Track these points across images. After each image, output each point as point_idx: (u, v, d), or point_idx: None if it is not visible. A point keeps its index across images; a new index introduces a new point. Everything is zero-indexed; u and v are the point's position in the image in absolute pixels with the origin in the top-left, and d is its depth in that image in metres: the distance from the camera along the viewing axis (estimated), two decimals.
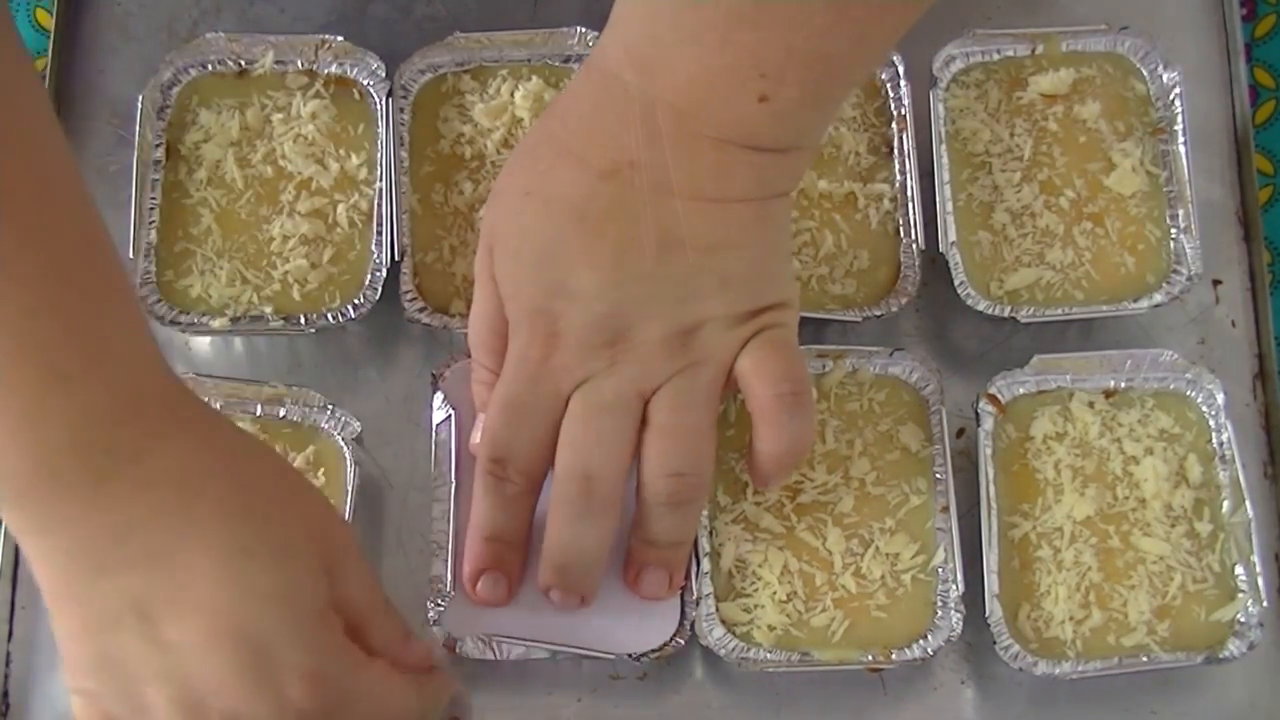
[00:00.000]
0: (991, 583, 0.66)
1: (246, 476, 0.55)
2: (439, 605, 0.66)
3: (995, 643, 0.65)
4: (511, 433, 0.62)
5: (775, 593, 0.66)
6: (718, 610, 0.66)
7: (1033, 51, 0.75)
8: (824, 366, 0.70)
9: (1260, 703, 0.68)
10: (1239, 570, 0.67)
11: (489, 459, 0.63)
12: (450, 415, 0.69)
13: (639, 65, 0.59)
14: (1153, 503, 0.68)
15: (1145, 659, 0.65)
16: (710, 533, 0.67)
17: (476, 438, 0.66)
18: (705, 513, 0.67)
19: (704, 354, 0.61)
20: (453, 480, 0.68)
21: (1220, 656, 0.65)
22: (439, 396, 0.69)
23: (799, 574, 0.67)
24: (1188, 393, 0.69)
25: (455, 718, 0.63)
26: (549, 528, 0.63)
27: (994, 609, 0.65)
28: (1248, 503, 0.67)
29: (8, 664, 0.69)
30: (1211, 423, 0.69)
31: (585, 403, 0.60)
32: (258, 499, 0.54)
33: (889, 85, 0.75)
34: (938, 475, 0.68)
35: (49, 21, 0.79)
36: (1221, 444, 0.69)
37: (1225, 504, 0.68)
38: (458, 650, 0.65)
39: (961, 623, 0.65)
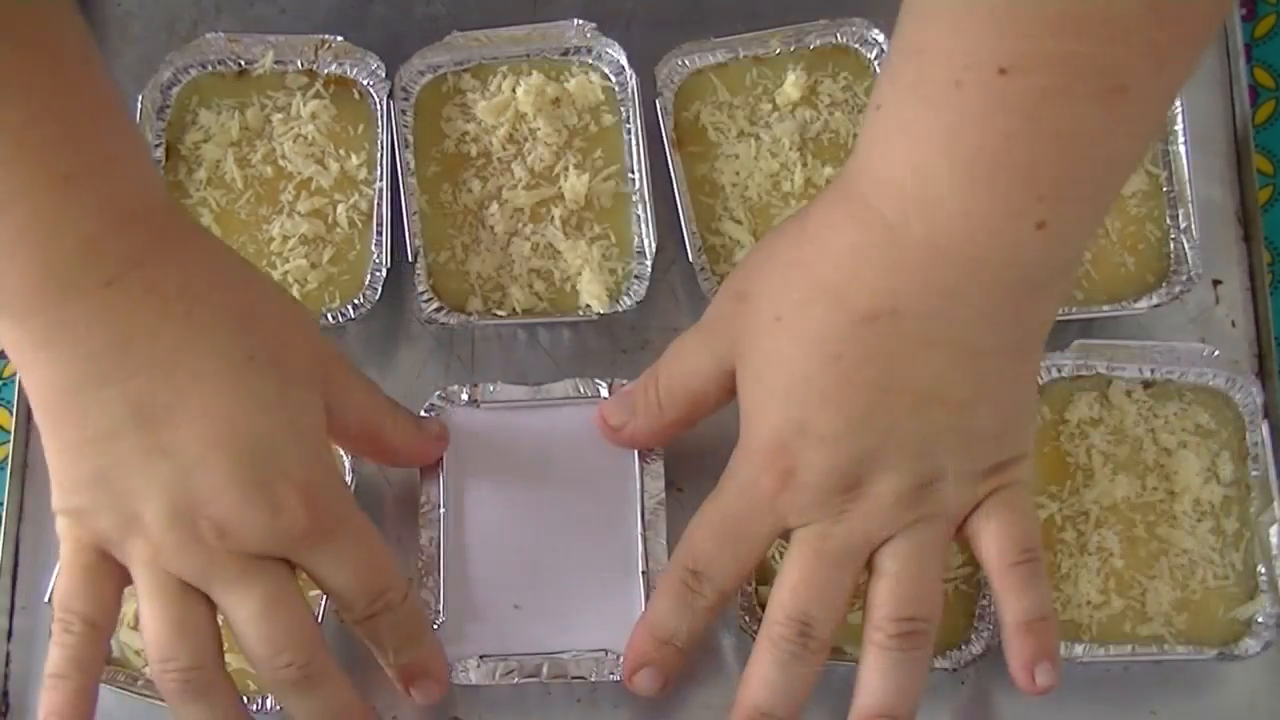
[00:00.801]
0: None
1: (247, 291, 0.57)
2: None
3: None
4: (718, 550, 0.60)
5: None
6: (755, 594, 0.66)
7: None
8: None
9: (1260, 703, 0.68)
10: (1261, 570, 0.67)
11: (688, 569, 0.61)
12: None
13: (902, 200, 0.55)
14: (1182, 496, 0.68)
15: (1159, 650, 0.66)
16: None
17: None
18: None
19: (938, 508, 0.58)
20: (441, 507, 0.68)
21: (1234, 653, 0.65)
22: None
23: None
24: (1226, 390, 0.70)
25: (456, 718, 0.64)
26: (754, 667, 0.60)
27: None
28: (1275, 503, 0.67)
29: (8, 664, 0.69)
30: (1247, 422, 0.69)
31: (813, 547, 0.59)
32: (258, 312, 0.56)
33: (876, 64, 0.75)
34: None
35: None
36: (1255, 444, 0.69)
37: (1254, 503, 0.68)
38: (455, 677, 0.66)
39: (997, 638, 0.65)
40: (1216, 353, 0.70)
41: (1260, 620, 0.66)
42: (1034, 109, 0.52)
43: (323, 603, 0.65)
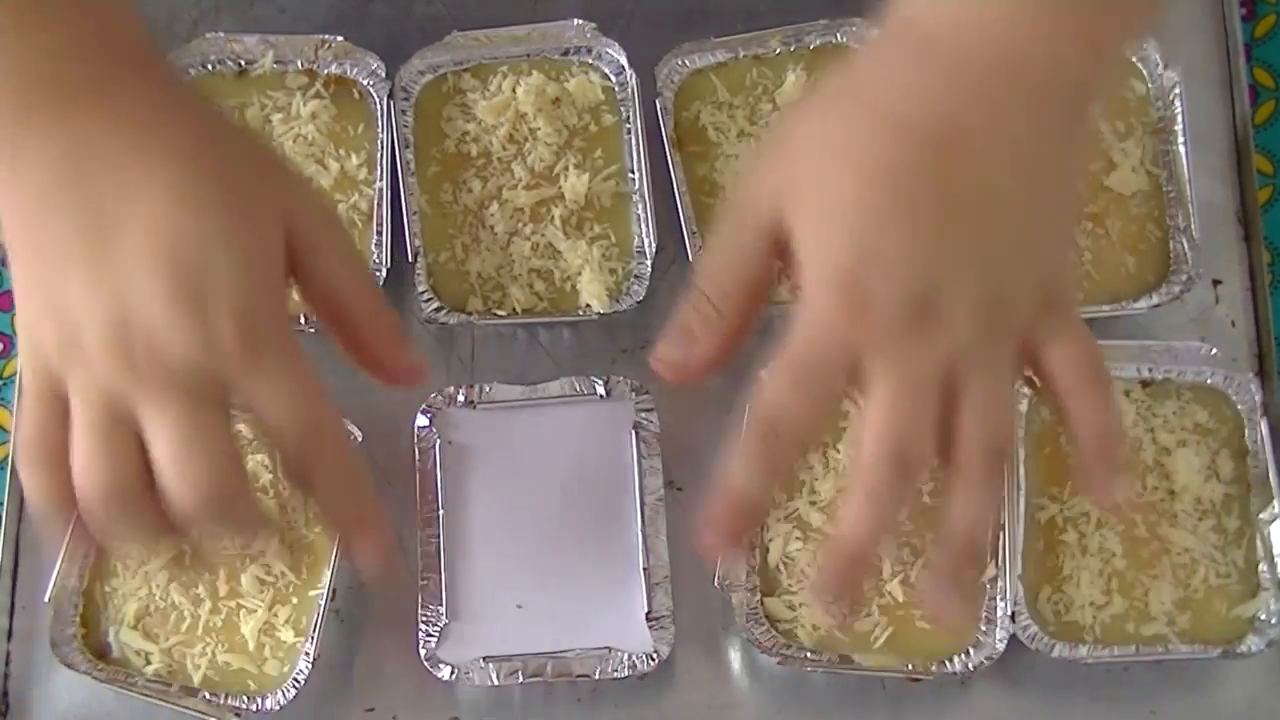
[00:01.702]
0: (1015, 563, 0.66)
1: (209, 126, 0.58)
2: (431, 635, 0.66)
3: (1014, 622, 0.65)
4: (800, 398, 0.58)
5: None
6: (762, 605, 0.66)
7: None
8: None
9: (1261, 703, 0.68)
10: (1263, 568, 0.67)
11: (770, 421, 0.58)
12: (436, 445, 0.69)
13: (957, 24, 0.57)
14: (1182, 495, 0.68)
15: (1163, 649, 0.66)
16: (761, 527, 0.68)
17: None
18: None
19: (1009, 327, 0.57)
20: (440, 508, 0.68)
21: (1238, 652, 0.65)
22: (428, 429, 0.70)
23: None
24: (1224, 388, 0.70)
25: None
26: (850, 510, 0.58)
27: (1016, 589, 0.66)
28: (1276, 500, 0.67)
29: (8, 664, 0.69)
30: (1246, 419, 0.69)
31: (898, 378, 0.56)
32: (218, 145, 0.57)
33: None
34: None
35: None
36: (1255, 441, 0.69)
37: (1255, 500, 0.68)
38: (457, 678, 0.66)
39: (1005, 643, 0.65)
40: (1214, 351, 0.70)
41: (1263, 618, 0.66)
42: None
43: (322, 608, 0.66)
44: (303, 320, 0.71)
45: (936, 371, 0.56)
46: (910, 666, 0.66)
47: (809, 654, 0.66)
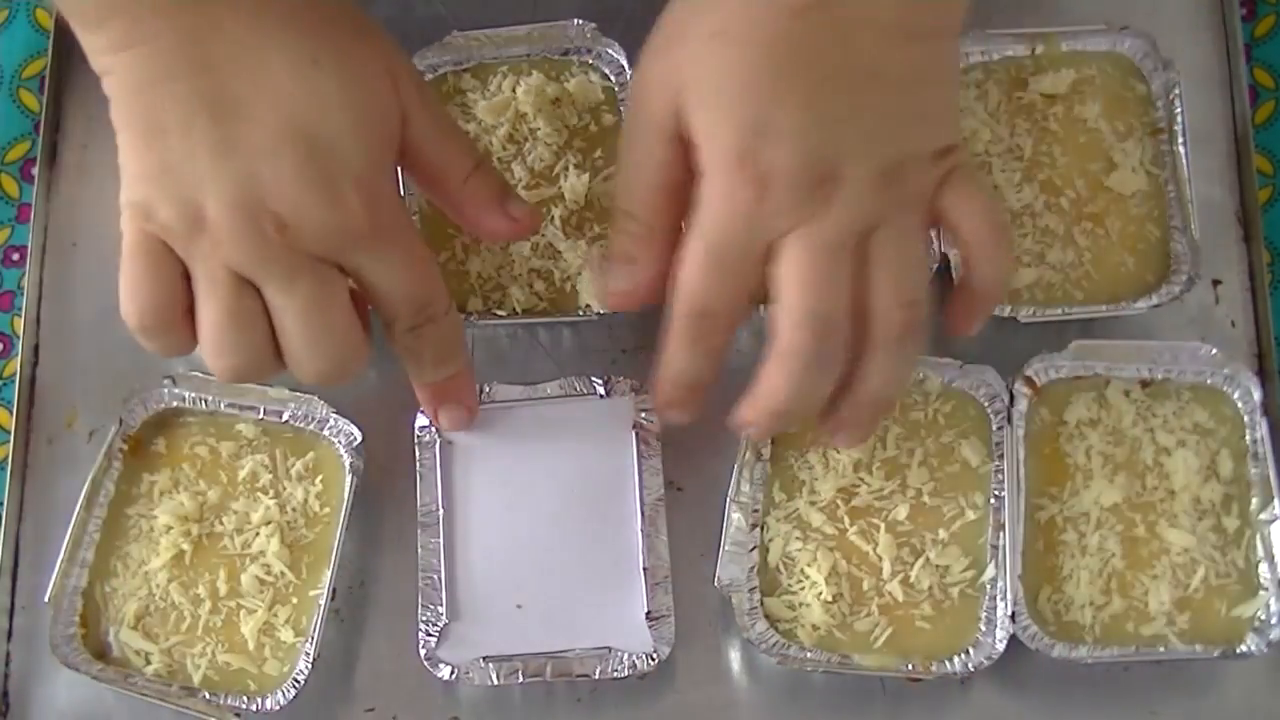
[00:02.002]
0: (1015, 563, 0.66)
1: (322, 6, 0.59)
2: (432, 635, 0.66)
3: (1014, 622, 0.65)
4: (718, 281, 0.59)
5: (821, 593, 0.67)
6: (762, 605, 0.67)
7: (1033, 51, 0.75)
8: None
9: (1260, 703, 0.68)
10: (1263, 568, 0.67)
11: (694, 311, 0.60)
12: (436, 444, 0.69)
13: None
14: (1181, 495, 0.68)
15: (1162, 649, 0.66)
16: (761, 527, 0.68)
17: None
18: (758, 508, 0.68)
19: (912, 191, 0.59)
20: (440, 508, 0.68)
21: (1238, 652, 0.65)
22: (428, 429, 0.70)
23: (847, 577, 0.67)
24: (1224, 388, 0.70)
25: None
26: (770, 379, 0.60)
27: (1016, 589, 0.66)
28: (1276, 501, 0.67)
29: (8, 664, 0.69)
30: (1246, 419, 0.69)
31: (808, 244, 0.58)
32: (329, 20, 0.59)
33: None
34: (995, 493, 0.68)
35: (49, 21, 0.79)
36: (1255, 441, 0.69)
37: (1254, 500, 0.68)
38: (457, 678, 0.66)
39: (1004, 643, 0.65)
40: (1214, 351, 0.70)
41: (1263, 618, 0.66)
42: None
43: (329, 592, 0.66)
44: None
45: (843, 237, 0.58)
46: (910, 666, 0.66)
47: (809, 654, 0.66)
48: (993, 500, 0.68)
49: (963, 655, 0.66)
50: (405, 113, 0.60)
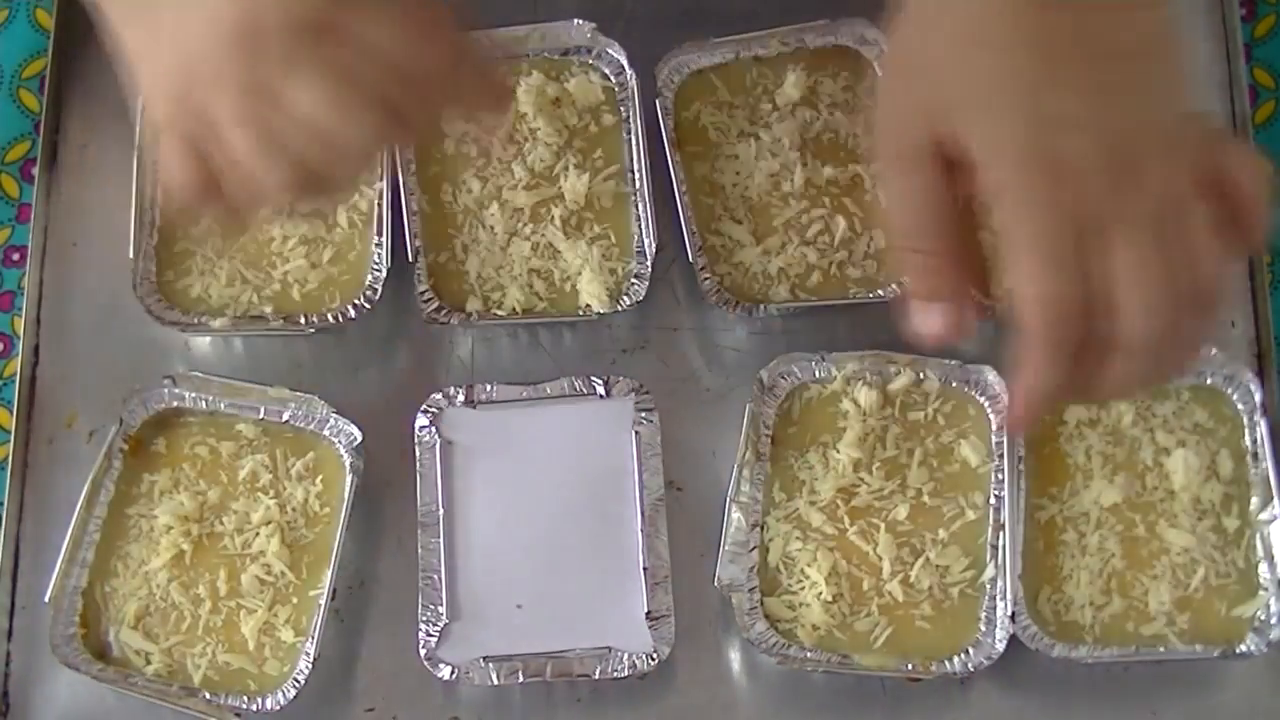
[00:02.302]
0: (1015, 563, 0.66)
1: None
2: (432, 635, 0.66)
3: (1014, 622, 0.65)
4: (1061, 280, 0.55)
5: (821, 593, 0.67)
6: (762, 605, 0.67)
7: None
8: (894, 373, 0.70)
9: (1260, 703, 0.68)
10: (1263, 568, 0.67)
11: (1050, 318, 0.56)
12: (436, 444, 0.69)
13: None
14: (1181, 495, 0.68)
15: (1162, 649, 0.66)
16: (761, 527, 0.68)
17: None
18: (758, 508, 0.68)
19: (1197, 153, 0.57)
20: (440, 508, 0.68)
21: (1238, 652, 0.65)
22: (428, 429, 0.70)
23: (847, 576, 0.67)
24: (1224, 388, 0.70)
25: None
26: (1128, 376, 0.56)
27: (1016, 589, 0.66)
28: (1276, 500, 0.67)
29: (8, 664, 0.69)
30: (1246, 420, 0.69)
31: (1133, 232, 0.55)
32: None
33: (877, 64, 0.75)
34: (995, 493, 0.68)
35: (49, 21, 0.79)
36: (1255, 441, 0.69)
37: (1254, 500, 0.68)
38: (457, 678, 0.66)
39: (1004, 643, 0.65)
40: (1214, 351, 0.70)
41: (1263, 618, 0.66)
42: None
43: (326, 601, 0.66)
44: (302, 320, 0.71)
45: (1162, 213, 0.55)
46: (910, 666, 0.66)
47: (809, 654, 0.66)
48: (992, 500, 0.68)
49: (963, 655, 0.66)
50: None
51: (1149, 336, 0.55)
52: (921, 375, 0.70)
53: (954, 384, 0.70)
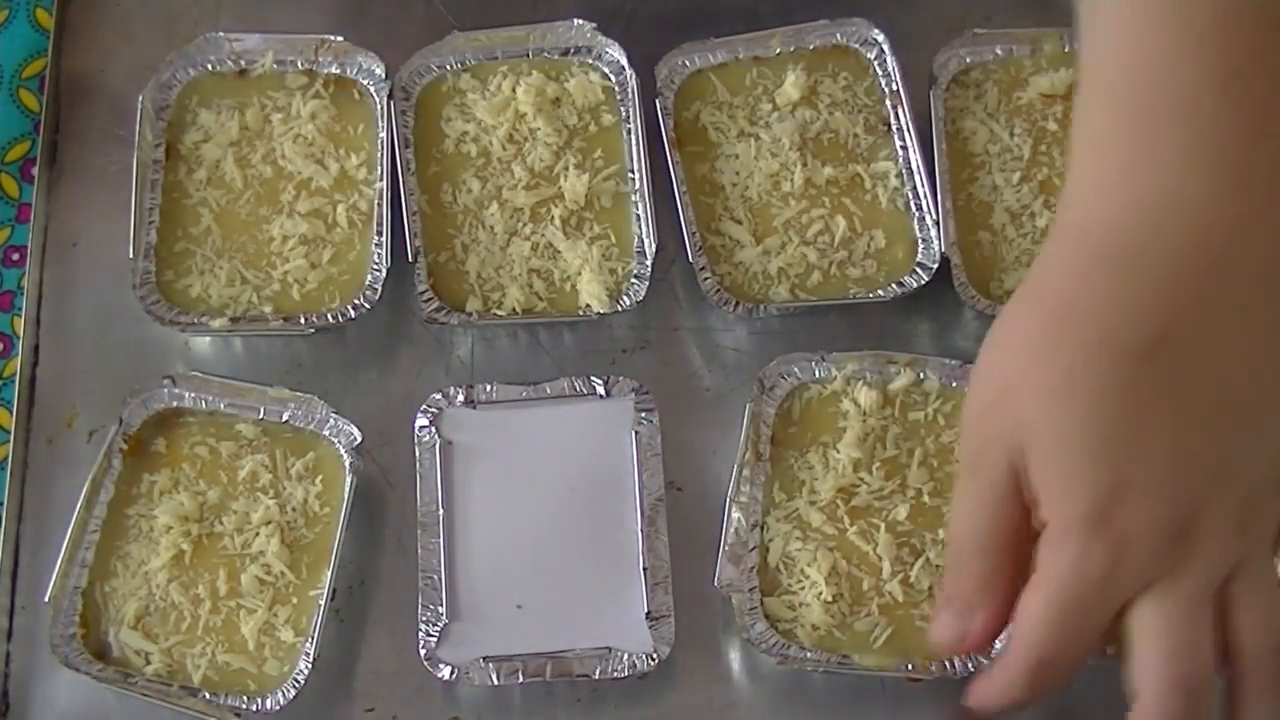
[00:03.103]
0: None
1: None
2: (432, 635, 0.66)
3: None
4: (1065, 639, 0.55)
5: (821, 593, 0.66)
6: (761, 605, 0.67)
7: (1032, 51, 0.76)
8: (894, 373, 0.70)
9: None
10: None
11: (1036, 663, 0.56)
12: (436, 444, 0.69)
13: (1143, 225, 0.54)
14: None
15: None
16: (761, 527, 0.68)
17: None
18: (758, 508, 0.68)
19: (1265, 523, 0.56)
20: (440, 509, 0.68)
21: None
22: (428, 429, 0.70)
23: (847, 576, 0.67)
24: None
25: None
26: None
27: None
28: None
29: (8, 664, 0.69)
30: None
31: (1168, 603, 0.54)
32: None
33: (876, 63, 0.75)
34: None
35: (49, 21, 0.79)
36: None
37: None
38: (457, 678, 0.66)
39: (1004, 641, 0.65)
40: None
41: None
42: (1264, 103, 0.53)
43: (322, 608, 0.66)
44: (302, 320, 0.71)
45: (1206, 588, 0.55)
46: (910, 666, 0.66)
47: (809, 654, 0.66)
48: None
49: (963, 655, 0.66)
50: None
51: (1153, 707, 0.54)
52: (922, 375, 0.70)
53: (954, 384, 0.70)
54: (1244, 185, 0.54)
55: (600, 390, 0.71)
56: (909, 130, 0.74)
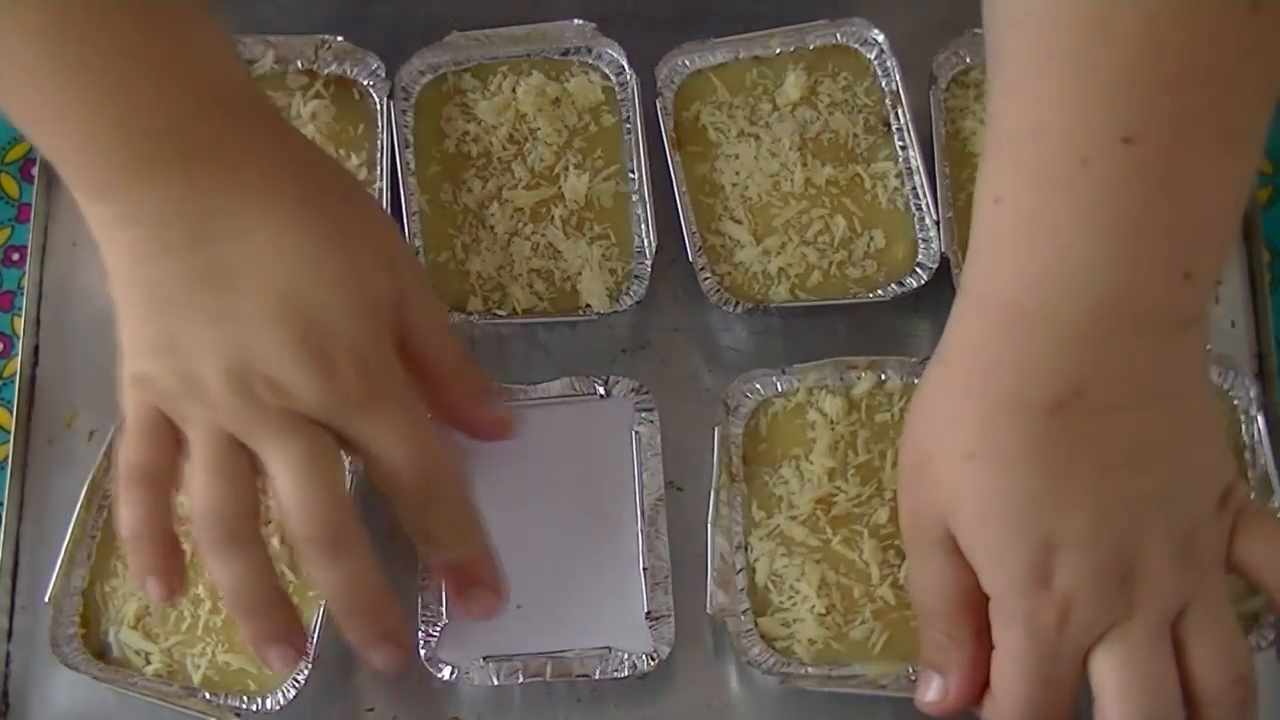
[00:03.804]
0: None
1: (321, 176, 0.61)
2: (432, 635, 0.66)
3: None
4: (1048, 700, 0.57)
5: (814, 606, 0.66)
6: (756, 626, 0.66)
7: None
8: (856, 377, 0.70)
9: (1261, 701, 0.67)
10: None
11: None
12: None
13: (1047, 288, 0.55)
14: None
15: None
16: (745, 548, 0.67)
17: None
18: (739, 529, 0.68)
19: (1209, 555, 0.57)
20: None
21: None
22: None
23: (837, 587, 0.67)
24: (1221, 385, 0.69)
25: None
26: None
27: None
28: (1275, 496, 0.67)
29: (8, 664, 0.69)
30: (1243, 417, 0.69)
31: (1124, 649, 0.56)
32: (330, 197, 0.60)
33: (876, 63, 0.75)
34: None
35: None
36: (1253, 437, 0.69)
37: (1253, 496, 0.68)
38: (457, 678, 0.66)
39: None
40: (1209, 347, 0.69)
41: (1267, 614, 0.66)
42: (1164, 170, 0.53)
43: (320, 611, 0.66)
44: None
45: (1157, 629, 0.56)
46: (912, 669, 0.65)
47: (809, 669, 0.65)
48: None
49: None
50: (402, 298, 0.60)
51: None
52: (883, 376, 0.70)
53: (916, 381, 0.70)
54: (1143, 247, 0.54)
55: (600, 390, 0.71)
56: (909, 130, 0.74)
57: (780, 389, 0.70)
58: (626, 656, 0.66)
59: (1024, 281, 0.56)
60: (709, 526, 0.67)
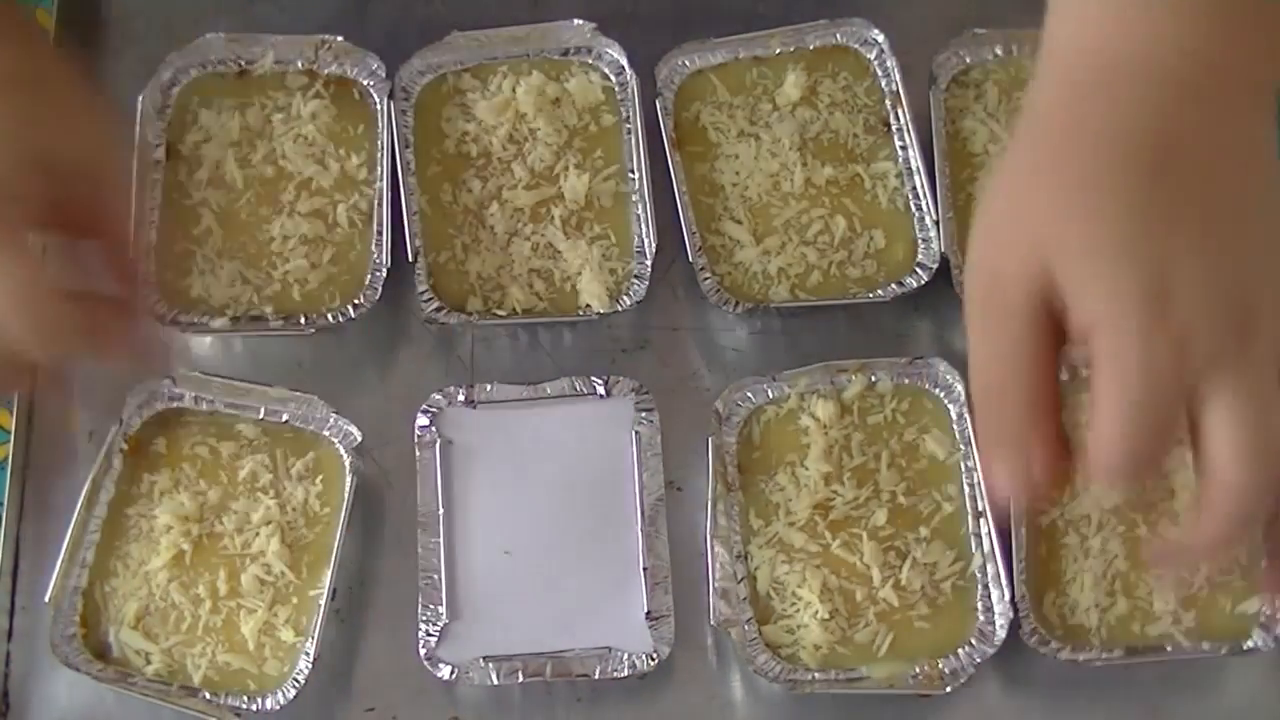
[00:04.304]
0: (1018, 569, 0.66)
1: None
2: (432, 635, 0.66)
3: (1020, 628, 0.65)
4: (1144, 440, 0.54)
5: (817, 611, 0.66)
6: (760, 635, 0.66)
7: (1032, 51, 0.75)
8: (846, 381, 0.70)
9: (1261, 701, 0.68)
10: (1266, 562, 0.67)
11: (1116, 469, 0.54)
12: (436, 444, 0.69)
13: (1133, 54, 0.55)
14: (1182, 493, 0.68)
15: (1169, 649, 0.66)
16: (745, 557, 0.67)
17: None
18: (738, 538, 0.68)
19: None
20: (440, 508, 0.68)
21: (1244, 648, 0.65)
22: (428, 429, 0.70)
23: (839, 591, 0.67)
24: None
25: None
26: (1213, 520, 0.55)
27: (1021, 595, 0.66)
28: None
29: (8, 664, 0.69)
30: None
31: (1238, 394, 0.53)
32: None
33: (876, 63, 0.75)
34: (967, 482, 0.68)
35: (49, 22, 0.79)
36: None
37: None
38: (457, 678, 0.66)
39: (1006, 629, 0.65)
40: None
41: (1269, 613, 0.66)
42: None
43: None
44: (302, 320, 0.71)
45: (1272, 373, 0.54)
46: (917, 669, 0.65)
47: (816, 675, 0.65)
48: (966, 489, 0.68)
49: (967, 647, 0.66)
50: (55, 141, 0.59)
51: (1233, 494, 0.54)
52: (873, 378, 0.70)
53: (906, 381, 0.70)
54: (1231, 26, 0.55)
55: (600, 390, 0.71)
56: (909, 130, 0.74)
57: (771, 396, 0.70)
58: (626, 656, 0.66)
59: (1114, 51, 0.55)
60: (707, 538, 0.67)
